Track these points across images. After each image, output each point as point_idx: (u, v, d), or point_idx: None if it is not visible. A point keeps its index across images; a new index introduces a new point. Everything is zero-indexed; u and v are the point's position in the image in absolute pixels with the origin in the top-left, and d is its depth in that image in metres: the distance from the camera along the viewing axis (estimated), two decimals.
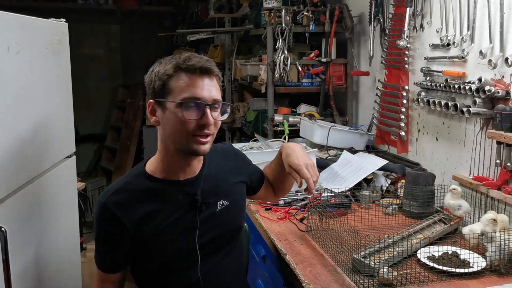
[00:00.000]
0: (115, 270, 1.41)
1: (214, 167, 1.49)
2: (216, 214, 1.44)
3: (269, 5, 3.14)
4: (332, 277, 1.46)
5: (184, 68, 1.30)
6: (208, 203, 1.42)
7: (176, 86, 1.30)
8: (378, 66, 2.77)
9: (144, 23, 5.85)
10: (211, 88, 1.32)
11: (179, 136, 1.32)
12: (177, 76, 1.30)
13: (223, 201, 1.46)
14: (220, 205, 1.45)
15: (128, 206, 1.35)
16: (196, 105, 1.29)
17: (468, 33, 1.94)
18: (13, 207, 1.57)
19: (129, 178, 1.40)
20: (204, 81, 1.31)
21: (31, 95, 1.74)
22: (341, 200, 2.01)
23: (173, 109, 1.30)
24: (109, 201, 1.35)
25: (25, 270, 1.66)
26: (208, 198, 1.43)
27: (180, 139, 1.32)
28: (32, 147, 1.74)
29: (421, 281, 1.40)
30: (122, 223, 1.33)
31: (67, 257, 2.12)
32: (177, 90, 1.30)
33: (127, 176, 1.42)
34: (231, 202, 1.48)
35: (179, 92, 1.30)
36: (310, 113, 3.04)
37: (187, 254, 1.40)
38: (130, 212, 1.34)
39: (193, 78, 1.30)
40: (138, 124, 5.34)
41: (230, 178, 1.53)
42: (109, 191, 1.37)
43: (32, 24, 1.79)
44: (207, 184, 1.44)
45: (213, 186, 1.45)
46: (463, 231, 1.60)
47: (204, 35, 3.92)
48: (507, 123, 1.70)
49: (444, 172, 2.17)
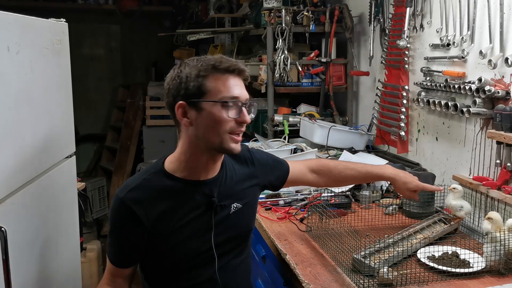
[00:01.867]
0: (127, 265, 1.43)
1: (229, 170, 1.50)
2: (229, 216, 1.46)
3: (269, 5, 3.14)
4: (332, 277, 1.46)
5: (222, 69, 1.33)
6: (223, 205, 1.44)
7: (214, 87, 1.32)
8: (378, 66, 2.77)
9: (144, 23, 5.85)
10: (244, 88, 1.37)
11: (215, 135, 1.34)
12: (214, 77, 1.32)
13: (236, 204, 1.48)
14: (234, 207, 1.47)
15: (146, 203, 1.36)
16: (235, 104, 1.33)
17: (468, 33, 1.94)
18: (13, 207, 1.57)
19: (148, 175, 1.41)
20: (239, 82, 1.36)
21: (31, 95, 1.74)
22: (341, 200, 2.01)
23: (211, 109, 1.32)
24: (127, 197, 1.36)
25: (25, 270, 1.66)
26: (224, 201, 1.44)
27: (216, 138, 1.34)
28: (32, 147, 1.74)
29: (421, 281, 1.40)
30: (139, 219, 1.35)
31: (67, 257, 2.12)
32: (215, 90, 1.32)
33: (145, 173, 1.42)
34: (243, 205, 1.50)
35: (217, 92, 1.32)
36: (310, 113, 3.03)
37: (203, 252, 1.42)
38: (148, 209, 1.36)
39: (230, 79, 1.34)
40: (138, 124, 5.34)
41: (244, 181, 1.53)
42: (127, 187, 1.38)
43: (32, 24, 1.79)
44: (224, 186, 1.46)
45: (228, 189, 1.47)
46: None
47: (204, 35, 3.92)
48: (507, 123, 1.70)
49: (444, 172, 2.17)
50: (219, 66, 1.33)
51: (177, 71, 1.36)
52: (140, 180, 1.39)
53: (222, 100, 1.32)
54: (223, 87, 1.32)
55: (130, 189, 1.37)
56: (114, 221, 1.39)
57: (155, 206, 1.36)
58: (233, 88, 1.33)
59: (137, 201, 1.35)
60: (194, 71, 1.33)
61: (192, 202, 1.40)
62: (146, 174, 1.41)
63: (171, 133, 5.18)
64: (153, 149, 5.12)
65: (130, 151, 5.24)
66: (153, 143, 5.20)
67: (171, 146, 5.68)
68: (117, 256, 1.42)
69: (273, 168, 1.66)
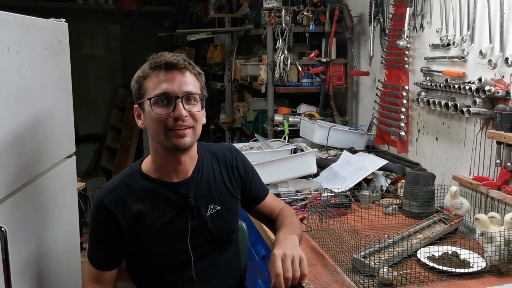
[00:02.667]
0: (111, 267, 1.42)
1: (207, 169, 1.48)
2: (206, 218, 1.44)
3: (269, 5, 3.14)
4: (332, 277, 1.46)
5: (153, 67, 1.33)
6: (199, 206, 1.43)
7: (148, 85, 1.33)
8: (378, 66, 2.77)
9: (144, 23, 5.85)
10: (183, 82, 1.32)
11: (158, 133, 1.33)
12: (149, 76, 1.33)
13: (214, 205, 1.46)
14: (211, 209, 1.46)
15: (123, 204, 1.37)
16: (167, 99, 1.31)
17: (468, 33, 1.94)
18: (13, 207, 1.57)
19: (125, 176, 1.42)
20: (174, 76, 1.32)
21: (31, 95, 1.73)
22: (341, 200, 2.01)
23: (148, 108, 1.33)
24: (105, 199, 1.37)
25: (25, 270, 1.66)
26: (200, 201, 1.43)
27: (160, 136, 1.33)
28: (32, 147, 1.74)
29: (421, 281, 1.40)
30: (118, 220, 1.35)
31: (67, 257, 2.12)
32: (150, 88, 1.32)
33: (123, 175, 1.43)
34: (222, 207, 1.48)
35: (151, 90, 1.32)
36: (310, 113, 3.04)
37: (180, 254, 1.41)
38: (125, 210, 1.36)
39: (162, 74, 1.32)
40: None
41: (224, 182, 1.50)
42: (105, 189, 1.40)
43: (32, 24, 1.78)
44: (200, 186, 1.45)
45: (205, 189, 1.46)
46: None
47: (204, 35, 3.92)
48: (507, 123, 1.70)
49: (444, 172, 2.17)
50: (152, 64, 1.33)
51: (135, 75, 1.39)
52: (118, 182, 1.40)
53: (150, 97, 1.31)
54: (153, 84, 1.32)
55: (107, 191, 1.38)
56: (95, 223, 1.39)
57: (132, 206, 1.37)
58: (160, 84, 1.31)
59: (115, 202, 1.36)
60: (139, 73, 1.36)
61: (168, 202, 1.40)
62: (123, 176, 1.42)
63: None
64: None
65: (130, 151, 5.24)
66: None
67: None
68: (100, 259, 1.41)
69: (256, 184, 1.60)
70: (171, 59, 1.32)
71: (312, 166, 2.27)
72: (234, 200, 1.54)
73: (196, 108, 1.35)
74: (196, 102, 1.36)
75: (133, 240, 1.38)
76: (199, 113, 1.36)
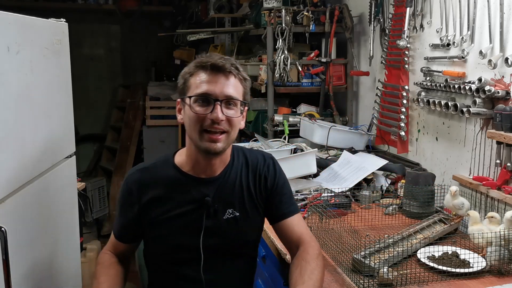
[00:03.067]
0: (125, 240, 1.50)
1: (235, 173, 1.47)
2: (222, 221, 1.43)
3: (269, 5, 3.14)
4: (332, 277, 1.46)
5: (199, 66, 1.35)
6: (217, 207, 1.42)
7: (193, 83, 1.36)
8: (378, 66, 2.77)
9: (144, 23, 5.84)
10: (226, 85, 1.34)
11: (193, 132, 1.35)
12: (195, 74, 1.36)
13: (233, 211, 1.44)
14: (229, 213, 1.44)
15: (144, 185, 1.43)
16: (207, 100, 1.33)
17: (468, 33, 1.94)
18: (13, 207, 1.57)
19: (158, 161, 1.49)
20: (219, 78, 1.34)
21: (31, 95, 1.73)
22: (341, 200, 2.01)
23: (188, 105, 1.36)
24: (131, 177, 1.46)
25: (25, 270, 1.66)
26: (219, 203, 1.43)
27: (195, 135, 1.35)
28: (32, 147, 1.74)
29: (421, 281, 1.40)
30: (134, 198, 1.43)
31: (67, 257, 2.12)
32: (193, 86, 1.35)
33: (157, 159, 1.50)
34: (241, 215, 1.45)
35: (194, 88, 1.34)
36: (310, 113, 3.03)
37: (190, 250, 1.43)
38: (144, 191, 1.43)
39: (207, 75, 1.34)
40: (138, 124, 5.34)
41: (248, 190, 1.47)
42: (136, 168, 1.49)
43: (32, 24, 1.78)
44: (223, 189, 1.44)
45: (227, 193, 1.44)
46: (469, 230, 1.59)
47: (204, 35, 3.92)
48: (507, 123, 1.70)
49: (444, 172, 2.17)
50: (199, 63, 1.36)
51: None
52: (148, 165, 1.48)
53: (191, 95, 1.34)
54: (196, 83, 1.34)
55: (137, 170, 1.47)
56: (121, 196, 1.48)
57: (151, 190, 1.43)
58: (203, 84, 1.33)
59: (137, 182, 1.44)
60: (186, 69, 1.40)
61: (187, 196, 1.42)
62: (156, 160, 1.50)
63: (171, 133, 5.18)
64: (153, 149, 5.12)
65: (130, 151, 5.24)
66: (153, 143, 5.20)
67: (171, 146, 5.66)
68: (117, 229, 1.51)
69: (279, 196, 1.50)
70: (218, 62, 1.34)
71: (312, 166, 2.27)
72: (255, 211, 1.48)
73: (234, 113, 1.36)
74: (235, 107, 1.36)
75: (146, 221, 1.43)
76: (237, 118, 1.37)
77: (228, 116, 1.34)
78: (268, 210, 1.51)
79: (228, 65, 1.34)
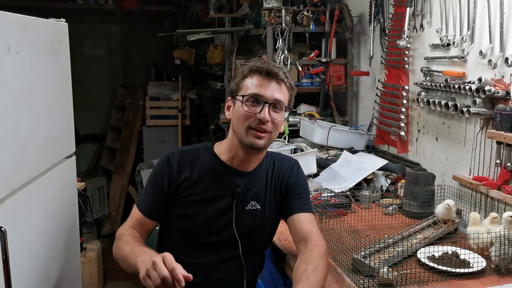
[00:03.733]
0: (150, 215, 1.55)
1: (264, 170, 1.60)
2: (245, 211, 1.54)
3: (269, 5, 3.14)
4: (332, 277, 1.46)
5: (255, 70, 1.48)
6: (245, 198, 1.54)
7: (246, 84, 1.49)
8: (378, 66, 2.77)
9: (144, 23, 5.84)
10: (276, 90, 1.47)
11: (240, 127, 1.47)
12: (250, 76, 1.49)
13: (255, 203, 1.56)
14: (251, 205, 1.56)
15: (184, 166, 1.54)
16: (257, 101, 1.46)
17: (468, 33, 1.94)
18: (13, 207, 1.57)
19: (199, 148, 1.60)
20: (271, 83, 1.47)
21: (31, 95, 1.74)
22: (341, 200, 2.01)
23: (239, 103, 1.48)
24: (173, 155, 1.55)
25: (25, 270, 1.66)
26: (246, 195, 1.54)
27: (241, 130, 1.47)
28: (32, 147, 1.74)
29: (421, 281, 1.40)
30: (172, 175, 1.52)
31: (67, 257, 2.12)
32: (246, 87, 1.48)
33: (198, 145, 1.63)
34: (262, 208, 1.57)
35: (247, 89, 1.48)
36: (310, 113, 3.03)
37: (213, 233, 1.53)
38: (183, 171, 1.53)
39: (261, 79, 1.47)
40: (138, 124, 5.34)
41: (271, 188, 1.59)
42: (178, 148, 1.60)
43: (32, 24, 1.79)
44: (252, 182, 1.56)
45: (254, 187, 1.56)
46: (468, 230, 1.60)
47: (204, 35, 3.91)
48: (507, 123, 1.70)
49: (444, 172, 2.17)
50: (254, 67, 1.49)
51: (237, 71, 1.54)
52: (190, 148, 1.60)
53: (244, 94, 1.46)
54: (250, 85, 1.47)
55: (179, 150, 1.58)
56: (155, 172, 1.56)
57: (190, 169, 1.53)
58: (257, 87, 1.46)
59: (178, 161, 1.54)
60: (240, 71, 1.53)
61: (221, 184, 1.54)
62: (198, 146, 1.62)
63: (171, 133, 5.18)
64: (153, 149, 5.12)
65: (130, 151, 5.23)
66: (153, 143, 5.20)
67: (171, 146, 5.66)
68: (144, 203, 1.55)
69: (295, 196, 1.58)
70: (273, 69, 1.47)
71: (312, 166, 2.28)
72: (274, 207, 1.59)
73: (279, 116, 1.49)
74: (281, 111, 1.49)
75: (177, 199, 1.52)
76: (280, 121, 1.50)
77: (274, 119, 1.47)
78: (283, 205, 1.60)
79: (281, 73, 1.48)
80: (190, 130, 5.25)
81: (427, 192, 1.93)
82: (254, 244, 1.59)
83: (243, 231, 1.53)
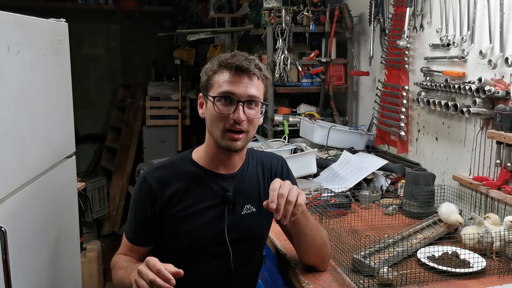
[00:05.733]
0: (141, 243, 1.46)
1: (251, 171, 1.52)
2: (241, 216, 1.48)
3: (269, 5, 3.14)
4: (332, 277, 1.46)
5: (225, 65, 1.38)
6: (237, 202, 1.46)
7: (216, 82, 1.38)
8: (378, 66, 2.77)
9: (144, 23, 5.84)
10: (249, 86, 1.37)
11: (215, 130, 1.39)
12: (220, 72, 1.38)
13: (250, 206, 1.49)
14: (247, 208, 1.49)
15: (165, 183, 1.43)
16: (229, 100, 1.36)
17: (468, 33, 1.94)
18: (13, 207, 1.57)
19: (175, 159, 1.50)
20: (242, 79, 1.36)
21: (31, 95, 1.74)
22: (341, 200, 2.01)
23: (211, 103, 1.38)
24: (150, 175, 1.44)
25: (25, 270, 1.67)
26: (238, 198, 1.47)
27: (216, 133, 1.39)
28: (32, 147, 1.74)
29: (421, 281, 1.40)
30: (155, 195, 1.41)
31: (67, 257, 2.12)
32: (217, 85, 1.38)
33: (173, 157, 1.52)
34: (258, 210, 1.50)
35: (218, 87, 1.37)
36: (310, 113, 3.03)
37: (217, 244, 1.44)
38: (165, 187, 1.42)
39: (231, 75, 1.36)
40: (138, 124, 5.34)
41: (264, 188, 1.52)
42: (152, 167, 1.48)
43: (32, 24, 1.79)
44: (242, 184, 1.49)
45: (246, 188, 1.49)
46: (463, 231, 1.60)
47: (204, 35, 3.92)
48: (507, 123, 1.70)
49: (444, 172, 2.17)
50: (223, 63, 1.38)
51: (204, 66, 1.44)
52: (166, 162, 1.49)
53: (218, 95, 1.36)
54: (220, 82, 1.37)
55: (154, 168, 1.47)
56: (135, 196, 1.46)
57: (172, 185, 1.42)
58: (228, 84, 1.36)
59: (157, 179, 1.43)
60: (209, 66, 1.41)
61: (208, 191, 1.45)
62: (173, 158, 1.51)
63: (171, 133, 5.18)
64: (153, 149, 5.12)
65: (130, 151, 5.24)
66: (153, 143, 5.20)
67: (171, 146, 5.64)
68: (132, 232, 1.46)
69: None
70: (244, 64, 1.36)
71: (312, 166, 2.27)
72: None
73: (255, 113, 1.39)
74: (256, 107, 1.40)
75: (167, 218, 1.42)
76: (257, 119, 1.41)
77: (249, 117, 1.38)
78: None
79: (252, 66, 1.37)
80: (190, 130, 5.25)
81: (427, 192, 1.93)
82: (255, 247, 1.55)
83: (242, 236, 1.47)
